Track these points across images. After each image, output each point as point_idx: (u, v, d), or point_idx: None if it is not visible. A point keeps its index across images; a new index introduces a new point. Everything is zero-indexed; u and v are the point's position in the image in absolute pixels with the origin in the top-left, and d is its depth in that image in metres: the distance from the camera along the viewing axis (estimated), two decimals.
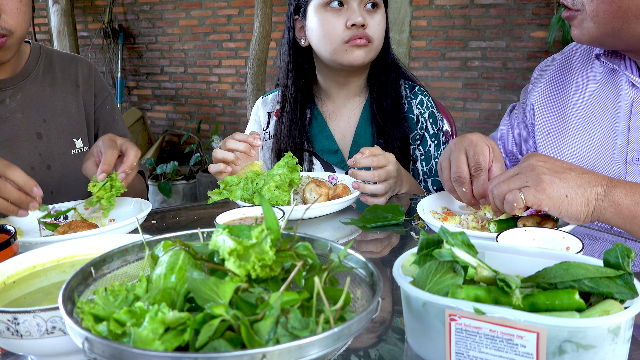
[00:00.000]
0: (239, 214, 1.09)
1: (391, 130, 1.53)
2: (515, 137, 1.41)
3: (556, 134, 1.25)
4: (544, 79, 1.31)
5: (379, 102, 1.56)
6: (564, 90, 1.26)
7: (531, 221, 0.98)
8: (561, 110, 1.26)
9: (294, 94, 1.59)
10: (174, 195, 4.65)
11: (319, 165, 1.61)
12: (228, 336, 0.50)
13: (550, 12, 3.86)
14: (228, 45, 5.30)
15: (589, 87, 1.22)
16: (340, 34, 1.46)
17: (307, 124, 1.61)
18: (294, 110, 1.59)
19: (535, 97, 1.31)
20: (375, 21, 1.48)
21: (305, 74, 1.62)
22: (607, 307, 0.57)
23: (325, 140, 1.60)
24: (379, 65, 1.58)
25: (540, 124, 1.29)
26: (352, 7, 1.45)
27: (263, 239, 0.56)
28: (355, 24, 1.44)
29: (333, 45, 1.48)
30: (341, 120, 1.62)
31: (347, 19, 1.45)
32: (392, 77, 1.58)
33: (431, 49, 4.40)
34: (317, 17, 1.49)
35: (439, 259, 0.64)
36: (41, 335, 0.63)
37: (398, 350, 0.70)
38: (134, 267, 0.70)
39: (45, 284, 0.79)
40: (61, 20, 5.34)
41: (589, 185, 0.90)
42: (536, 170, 0.90)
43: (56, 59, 1.53)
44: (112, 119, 1.59)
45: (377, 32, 1.49)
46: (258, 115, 1.70)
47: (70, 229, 1.08)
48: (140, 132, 5.48)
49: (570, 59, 1.29)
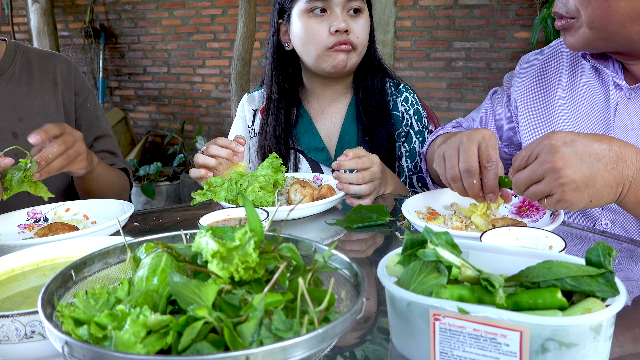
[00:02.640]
0: (223, 215, 1.09)
1: (377, 130, 1.54)
2: (496, 122, 1.40)
3: (543, 129, 1.25)
4: (531, 73, 1.31)
5: (365, 102, 1.57)
6: (552, 86, 1.26)
7: (501, 222, 1.01)
8: (548, 106, 1.26)
9: (277, 97, 1.59)
10: (158, 197, 4.61)
11: (306, 164, 1.61)
12: (211, 338, 0.50)
13: (533, 13, 3.90)
14: (212, 45, 5.27)
15: (577, 84, 1.22)
16: (324, 40, 1.46)
17: (294, 122, 1.61)
18: (279, 112, 1.59)
19: (521, 91, 1.31)
20: (359, 26, 1.48)
21: (289, 79, 1.61)
22: (589, 306, 0.57)
23: (311, 139, 1.60)
24: (364, 66, 1.58)
25: (526, 119, 1.29)
26: (335, 13, 1.45)
27: (246, 241, 0.56)
28: (338, 30, 1.44)
29: (317, 52, 1.48)
30: (327, 119, 1.63)
31: (330, 25, 1.45)
32: (378, 78, 1.58)
33: (416, 49, 4.42)
34: (300, 23, 1.49)
35: (423, 259, 0.64)
36: (20, 340, 0.62)
37: (383, 350, 0.70)
38: (115, 269, 0.69)
39: (25, 287, 0.78)
40: (41, 20, 5.26)
41: (615, 182, 0.87)
42: (560, 175, 0.85)
43: (33, 56, 1.50)
44: (95, 117, 1.57)
45: (361, 37, 1.48)
46: (244, 112, 1.70)
47: (50, 231, 1.06)
48: (122, 133, 5.42)
49: (559, 55, 1.29)
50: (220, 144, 1.29)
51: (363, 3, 1.49)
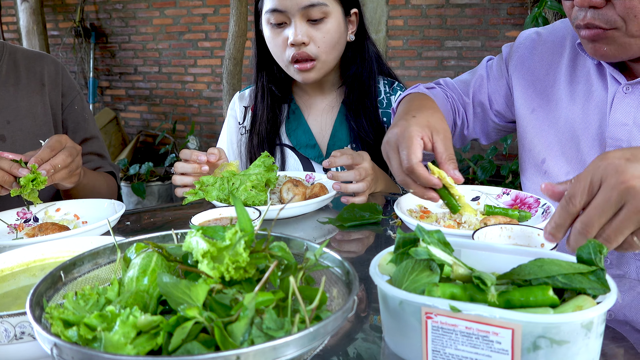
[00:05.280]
0: (215, 215, 1.08)
1: (369, 126, 1.53)
2: (489, 91, 1.37)
3: (541, 112, 1.24)
4: (532, 53, 1.29)
5: (354, 97, 1.55)
6: (553, 70, 1.25)
7: (493, 220, 1.01)
8: (547, 90, 1.25)
9: (262, 95, 1.59)
10: (149, 197, 4.59)
11: (295, 160, 1.61)
12: (202, 338, 0.49)
13: (525, 11, 3.91)
14: (203, 45, 5.25)
15: (577, 73, 1.21)
16: (283, 53, 1.44)
17: (285, 118, 1.61)
18: (265, 109, 1.59)
19: (521, 69, 1.29)
20: (320, 34, 1.42)
21: (275, 77, 1.60)
22: (580, 303, 0.57)
23: (303, 135, 1.59)
24: (355, 61, 1.56)
25: (525, 100, 1.28)
26: (292, 24, 1.41)
27: (237, 240, 0.56)
28: (294, 44, 1.41)
29: (282, 64, 1.48)
30: (319, 115, 1.62)
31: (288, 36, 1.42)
32: (366, 73, 1.55)
33: (408, 48, 4.43)
34: (266, 32, 1.48)
35: (415, 257, 0.64)
36: (10, 341, 0.62)
37: (376, 348, 0.70)
38: (105, 270, 0.68)
39: (14, 288, 0.77)
40: (30, 19, 5.22)
41: None
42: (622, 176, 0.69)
43: (20, 57, 1.47)
44: (83, 119, 1.55)
45: (324, 46, 1.43)
46: (234, 109, 1.70)
47: (40, 231, 1.05)
48: (113, 132, 5.39)
49: (562, 40, 1.26)
50: (183, 158, 1.29)
51: (327, 7, 1.41)
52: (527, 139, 1.28)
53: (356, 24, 1.54)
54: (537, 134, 1.25)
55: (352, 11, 1.51)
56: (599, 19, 1.00)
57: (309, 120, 1.61)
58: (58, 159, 1.13)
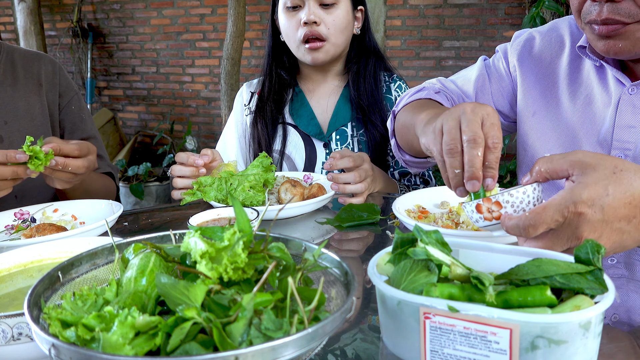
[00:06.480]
0: (213, 215, 1.08)
1: (370, 113, 1.60)
2: (492, 91, 1.34)
3: (543, 116, 1.23)
4: (530, 54, 1.28)
5: (358, 85, 1.63)
6: (553, 72, 1.23)
7: None
8: (547, 92, 1.23)
9: (269, 80, 1.69)
10: (147, 197, 4.58)
11: (297, 137, 1.64)
12: (200, 339, 0.49)
13: (522, 11, 3.92)
14: (201, 45, 5.25)
15: (577, 76, 1.19)
16: (296, 32, 1.55)
17: (290, 100, 1.69)
18: (272, 90, 1.68)
19: (520, 71, 1.28)
20: (331, 17, 1.54)
21: (286, 67, 1.70)
22: (578, 303, 0.57)
23: (304, 111, 1.67)
24: (358, 51, 1.66)
25: (525, 103, 1.27)
26: (306, 6, 1.54)
27: (235, 241, 0.56)
28: (307, 22, 1.52)
29: (294, 44, 1.58)
30: (321, 98, 1.70)
31: (301, 18, 1.53)
32: (371, 63, 1.66)
33: (406, 48, 4.43)
34: (282, 18, 1.59)
35: (413, 257, 0.64)
36: (7, 342, 0.61)
37: (374, 348, 0.70)
38: (103, 270, 0.68)
39: (12, 289, 0.77)
40: (27, 19, 5.21)
41: None
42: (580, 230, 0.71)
43: (18, 57, 1.47)
44: (80, 120, 1.54)
45: (332, 28, 1.55)
46: (242, 96, 1.77)
47: (37, 232, 1.05)
48: (111, 133, 5.38)
49: (561, 41, 1.25)
50: (179, 162, 1.31)
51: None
52: (528, 142, 1.27)
53: (362, 21, 1.66)
54: (538, 137, 1.24)
55: (359, 7, 1.64)
56: (619, 13, 0.96)
57: (311, 102, 1.69)
58: (75, 162, 1.15)
